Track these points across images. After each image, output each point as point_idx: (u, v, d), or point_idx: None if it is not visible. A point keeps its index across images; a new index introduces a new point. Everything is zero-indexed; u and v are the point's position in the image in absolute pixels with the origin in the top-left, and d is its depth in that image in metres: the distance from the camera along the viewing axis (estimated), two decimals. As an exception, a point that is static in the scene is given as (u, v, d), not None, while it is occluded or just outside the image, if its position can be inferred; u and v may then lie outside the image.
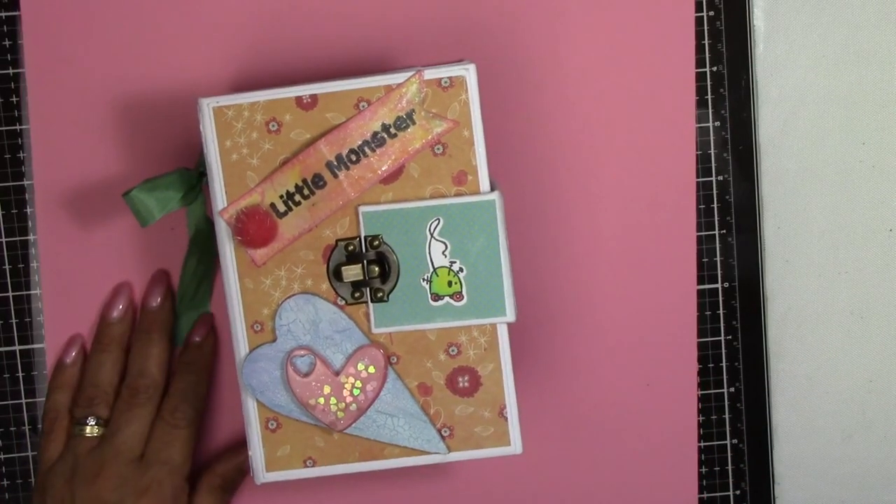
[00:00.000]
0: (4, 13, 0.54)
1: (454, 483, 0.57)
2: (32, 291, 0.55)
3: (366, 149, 0.46)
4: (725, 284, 0.58)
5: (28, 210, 0.55)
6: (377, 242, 0.47)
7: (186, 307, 0.55)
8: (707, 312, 0.58)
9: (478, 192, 0.47)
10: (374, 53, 0.55)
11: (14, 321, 0.55)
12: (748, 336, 0.58)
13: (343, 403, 0.47)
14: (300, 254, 0.47)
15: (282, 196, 0.46)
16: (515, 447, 0.48)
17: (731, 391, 0.58)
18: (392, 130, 0.46)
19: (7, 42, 0.54)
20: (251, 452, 0.48)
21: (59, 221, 0.55)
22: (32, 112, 0.54)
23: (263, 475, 0.48)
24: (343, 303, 0.47)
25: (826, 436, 0.58)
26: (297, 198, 0.47)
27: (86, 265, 0.55)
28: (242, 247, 0.47)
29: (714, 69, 0.57)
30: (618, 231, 0.56)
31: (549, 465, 0.57)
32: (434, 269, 0.47)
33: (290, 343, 0.47)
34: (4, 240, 0.55)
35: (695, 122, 0.56)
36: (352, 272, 0.47)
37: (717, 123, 0.57)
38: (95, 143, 0.54)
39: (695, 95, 0.56)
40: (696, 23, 0.56)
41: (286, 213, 0.47)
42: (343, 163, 0.46)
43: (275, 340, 0.47)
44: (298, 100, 0.46)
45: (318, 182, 0.46)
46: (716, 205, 0.57)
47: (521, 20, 0.55)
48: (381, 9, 0.55)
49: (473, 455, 0.48)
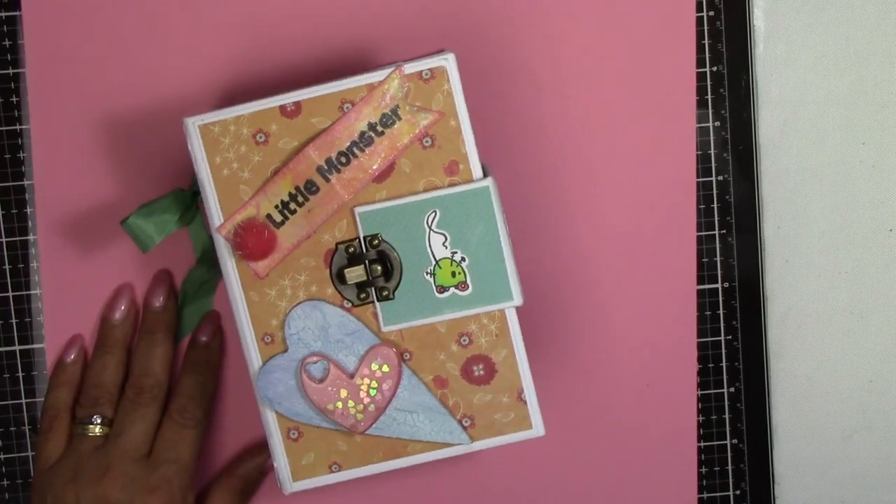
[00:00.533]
0: (4, 13, 0.54)
1: (451, 481, 0.57)
2: (32, 291, 0.55)
3: (355, 149, 0.46)
4: (725, 284, 0.58)
5: (28, 210, 0.55)
6: (377, 241, 0.47)
7: (190, 300, 0.55)
8: (707, 312, 0.58)
9: (471, 180, 0.47)
10: (360, 52, 0.55)
11: (14, 321, 0.55)
12: (748, 336, 0.58)
13: (361, 405, 0.47)
14: (301, 261, 0.47)
15: (277, 206, 0.46)
16: (538, 429, 0.48)
17: (731, 391, 0.58)
18: (379, 128, 0.46)
19: (7, 42, 0.54)
20: (276, 464, 0.48)
21: (59, 221, 0.55)
22: (33, 112, 0.54)
23: (291, 485, 0.48)
24: (350, 305, 0.47)
25: (826, 436, 0.58)
26: (292, 206, 0.46)
27: (86, 265, 0.55)
28: (244, 260, 0.47)
29: (714, 69, 0.56)
30: (618, 231, 0.56)
31: (549, 465, 0.57)
32: (436, 262, 0.47)
33: (302, 351, 0.47)
34: (4, 240, 0.55)
35: (695, 122, 0.56)
36: (355, 274, 0.47)
37: (717, 123, 0.57)
38: (96, 144, 0.54)
39: (695, 95, 0.56)
40: (697, 23, 0.56)
41: (283, 223, 0.47)
42: (334, 166, 0.46)
43: (286, 350, 0.47)
44: (282, 108, 0.46)
45: (311, 188, 0.46)
46: (716, 205, 0.57)
47: (521, 20, 0.55)
48: (367, 8, 0.55)
49: (497, 442, 0.48)
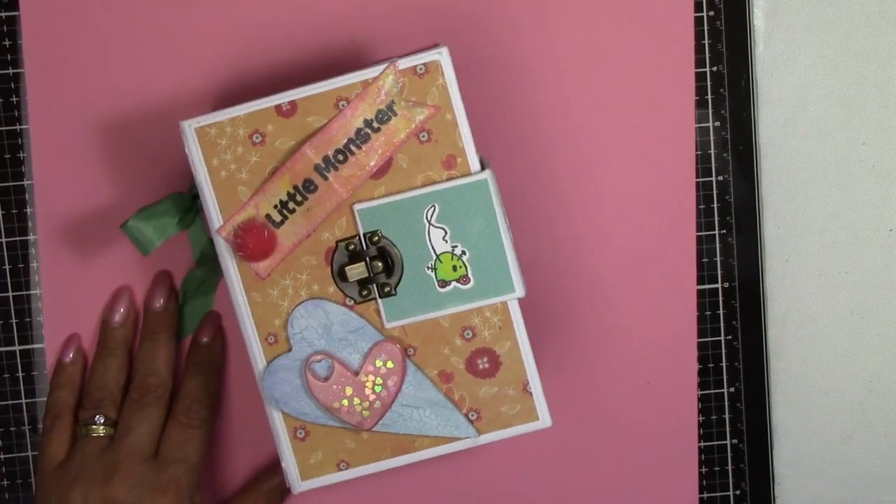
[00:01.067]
0: (4, 13, 0.54)
1: (450, 479, 0.57)
2: (32, 291, 0.55)
3: (352, 147, 0.46)
4: (725, 284, 0.57)
5: (28, 210, 0.55)
6: (377, 238, 0.47)
7: (191, 299, 0.55)
8: (707, 312, 0.58)
9: (469, 174, 0.47)
10: (354, 50, 0.55)
11: (14, 321, 0.55)
12: (748, 336, 0.58)
13: (367, 402, 0.47)
14: (302, 260, 0.47)
15: (276, 206, 0.46)
16: (544, 421, 0.48)
17: (731, 391, 0.58)
18: (375, 125, 0.46)
19: (7, 42, 0.54)
20: (284, 464, 0.48)
21: (59, 222, 0.55)
22: (32, 113, 0.54)
23: (300, 484, 0.48)
24: (352, 303, 0.47)
25: (826, 436, 0.58)
26: (291, 205, 0.46)
27: (86, 265, 0.55)
28: (245, 262, 0.47)
29: (714, 69, 0.56)
30: (618, 231, 0.56)
31: (550, 465, 0.57)
32: (437, 256, 0.47)
33: (306, 350, 0.47)
34: (4, 240, 0.55)
35: (694, 122, 0.56)
36: (356, 271, 0.47)
37: (717, 123, 0.57)
38: (95, 144, 0.54)
39: (694, 95, 0.56)
40: (696, 23, 0.56)
41: (283, 223, 0.47)
42: (331, 164, 0.46)
43: (290, 350, 0.48)
44: (278, 108, 0.46)
45: (310, 187, 0.46)
46: (716, 205, 0.57)
47: (521, 20, 0.55)
48: (360, 5, 0.55)
49: (504, 435, 0.48)
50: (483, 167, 0.47)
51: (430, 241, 0.47)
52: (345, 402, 0.47)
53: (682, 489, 0.58)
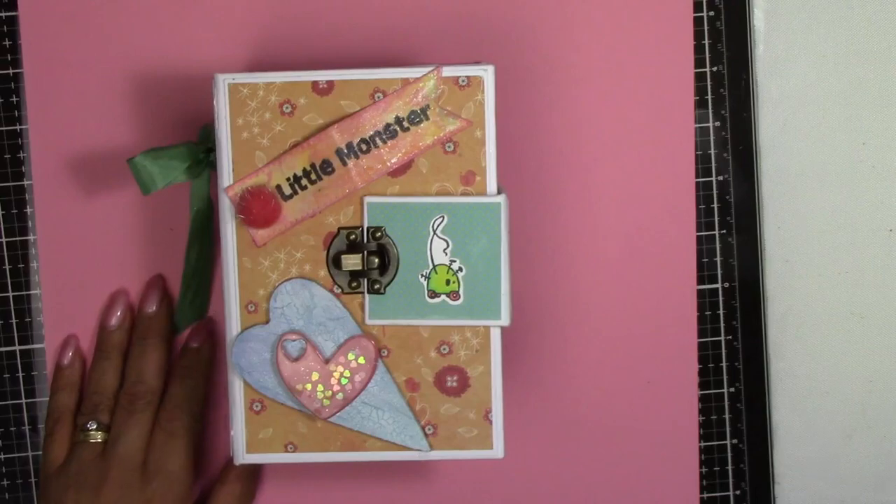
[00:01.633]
0: (4, 13, 0.54)
1: (449, 477, 0.57)
2: (32, 291, 0.55)
3: (377, 139, 0.47)
4: (725, 284, 0.57)
5: (28, 210, 0.55)
6: (379, 234, 0.47)
7: (192, 294, 0.55)
8: (707, 312, 0.58)
9: (484, 194, 0.47)
10: (388, 48, 0.55)
11: (14, 321, 0.55)
12: (748, 336, 0.58)
13: (330, 391, 0.47)
14: (301, 238, 0.47)
15: (288, 179, 0.47)
16: (497, 451, 0.48)
17: (731, 391, 0.58)
18: (405, 124, 0.47)
19: (7, 42, 0.54)
20: (233, 432, 0.48)
21: (59, 221, 0.55)
22: (31, 113, 0.54)
23: (243, 456, 0.48)
24: (339, 291, 0.48)
25: (826, 436, 0.58)
26: (304, 182, 0.47)
27: (85, 265, 0.55)
28: (244, 225, 0.47)
29: (714, 69, 0.56)
30: (618, 231, 0.56)
31: (550, 465, 0.57)
32: (433, 266, 0.47)
33: (283, 326, 0.48)
34: (4, 240, 0.55)
35: (694, 122, 0.56)
36: (351, 261, 0.47)
37: (717, 123, 0.57)
38: (96, 144, 0.54)
39: (694, 95, 0.56)
40: (696, 23, 0.56)
41: (291, 197, 0.47)
42: (353, 151, 0.46)
43: (267, 322, 0.48)
44: (315, 84, 0.47)
45: (327, 168, 0.47)
46: (716, 205, 0.57)
47: (522, 22, 0.55)
48: (395, 5, 0.55)
49: (454, 455, 0.48)
50: (499, 192, 0.47)
51: (431, 251, 0.47)
52: (308, 387, 0.47)
53: (683, 489, 0.58)
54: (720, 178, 0.57)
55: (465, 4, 0.55)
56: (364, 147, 0.47)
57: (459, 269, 0.47)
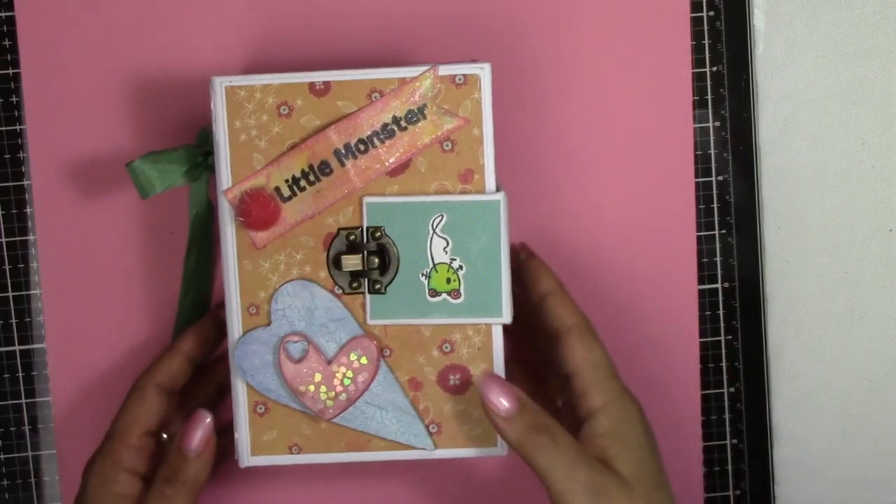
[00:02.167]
0: (4, 13, 0.54)
1: (451, 475, 0.57)
2: (32, 291, 0.55)
3: (375, 139, 0.47)
4: (725, 284, 0.57)
5: (28, 210, 0.55)
6: (379, 234, 0.47)
7: (193, 296, 0.54)
8: (707, 312, 0.58)
9: (483, 192, 0.47)
10: (384, 49, 0.55)
11: (14, 321, 0.55)
12: (748, 336, 0.58)
13: (333, 392, 0.47)
14: (301, 240, 0.47)
15: (287, 180, 0.47)
16: (501, 448, 0.48)
17: (731, 391, 0.58)
18: (402, 123, 0.47)
19: (7, 42, 0.54)
20: (237, 435, 0.48)
21: (59, 220, 0.55)
22: (29, 112, 0.54)
23: (248, 459, 0.48)
24: (340, 292, 0.48)
25: (826, 436, 0.58)
26: (303, 183, 0.47)
27: (85, 266, 0.55)
28: (244, 228, 0.47)
29: (714, 69, 0.56)
30: (617, 231, 0.56)
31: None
32: (434, 265, 0.47)
33: (285, 328, 0.48)
34: (4, 240, 0.55)
35: (692, 123, 0.56)
36: (351, 262, 0.47)
37: (717, 123, 0.57)
38: (94, 144, 0.54)
39: (692, 96, 0.56)
40: (696, 23, 0.56)
41: (290, 198, 0.47)
42: (351, 151, 0.47)
43: (269, 324, 0.48)
44: (311, 86, 0.47)
45: (325, 169, 0.47)
46: (716, 205, 0.57)
47: (521, 22, 0.55)
48: (391, 5, 0.55)
49: (459, 454, 0.48)
50: (497, 189, 0.47)
51: (431, 250, 0.47)
52: (311, 388, 0.47)
53: (687, 489, 0.58)
54: (720, 178, 0.57)
55: (461, 5, 0.55)
56: (362, 147, 0.47)
57: (460, 268, 0.47)
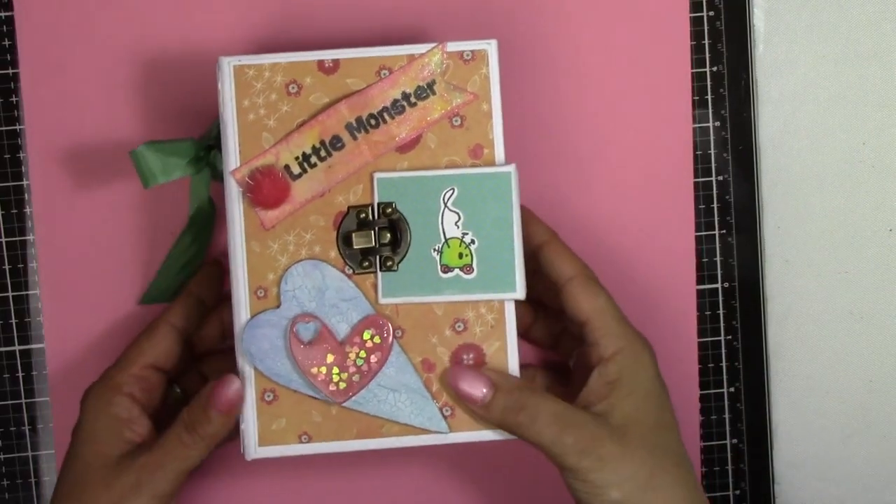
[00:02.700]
0: (4, 13, 0.54)
1: (450, 473, 0.57)
2: (32, 291, 0.55)
3: (385, 115, 0.47)
4: (725, 284, 0.57)
5: (27, 210, 0.55)
6: (390, 210, 0.47)
7: (173, 267, 0.53)
8: (707, 312, 0.57)
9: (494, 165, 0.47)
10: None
11: (14, 321, 0.55)
12: (748, 336, 0.58)
13: (346, 373, 0.46)
14: (310, 219, 0.47)
15: (297, 157, 0.46)
16: None
17: (731, 391, 0.58)
18: (412, 99, 0.47)
19: (7, 42, 0.54)
20: (243, 426, 0.47)
21: (59, 220, 0.55)
22: (27, 107, 0.54)
23: (256, 450, 0.47)
24: (351, 271, 0.47)
25: (826, 436, 0.58)
26: (314, 159, 0.46)
27: (85, 265, 0.55)
28: (253, 207, 0.46)
29: (714, 69, 0.56)
30: (617, 231, 0.56)
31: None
32: (446, 240, 0.47)
33: (295, 310, 0.47)
34: (4, 240, 0.55)
35: (692, 123, 0.56)
36: (362, 239, 0.47)
37: (717, 123, 0.57)
38: (96, 144, 0.54)
39: (691, 96, 0.56)
40: (696, 23, 0.56)
41: (300, 176, 0.46)
42: (363, 125, 0.47)
43: (279, 307, 0.47)
44: (320, 63, 0.47)
45: (337, 143, 0.46)
46: (716, 205, 0.57)
47: (516, 20, 0.55)
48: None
49: (474, 437, 0.47)
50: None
51: (443, 224, 0.47)
52: (323, 370, 0.46)
53: (682, 489, 0.58)
54: (720, 178, 0.57)
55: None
56: (373, 122, 0.47)
57: (472, 242, 0.47)
